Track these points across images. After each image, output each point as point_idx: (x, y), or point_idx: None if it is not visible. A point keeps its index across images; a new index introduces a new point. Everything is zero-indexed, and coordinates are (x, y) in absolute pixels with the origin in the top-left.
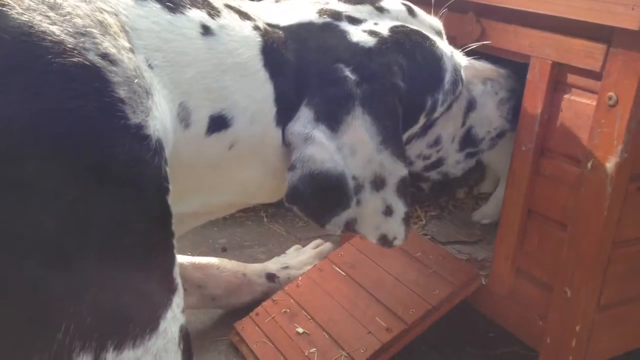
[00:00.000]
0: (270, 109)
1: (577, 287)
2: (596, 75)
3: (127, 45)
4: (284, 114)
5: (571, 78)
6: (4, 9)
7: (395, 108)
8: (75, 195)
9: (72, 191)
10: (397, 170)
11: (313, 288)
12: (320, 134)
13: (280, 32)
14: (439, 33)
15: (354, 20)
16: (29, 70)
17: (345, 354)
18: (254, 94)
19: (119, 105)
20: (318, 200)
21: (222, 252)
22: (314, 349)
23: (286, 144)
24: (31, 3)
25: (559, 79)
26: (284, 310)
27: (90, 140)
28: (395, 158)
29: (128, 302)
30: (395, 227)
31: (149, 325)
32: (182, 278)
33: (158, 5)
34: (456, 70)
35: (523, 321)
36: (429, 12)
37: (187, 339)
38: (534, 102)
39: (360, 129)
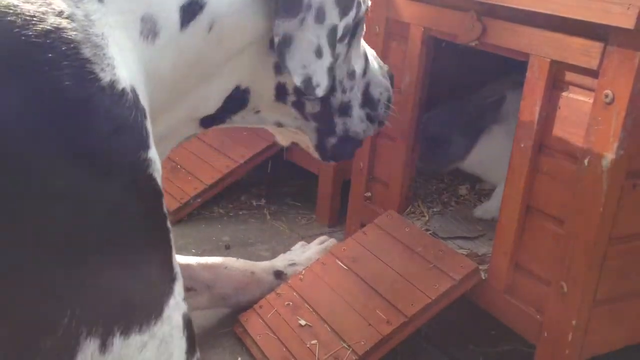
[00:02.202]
0: None
1: (573, 282)
2: (593, 73)
3: None
4: None
5: (569, 76)
6: None
7: None
8: (67, 185)
9: (67, 182)
10: (331, 17)
11: (316, 281)
12: None
13: None
14: None
15: None
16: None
17: (346, 346)
18: None
19: (87, 67)
20: None
21: (225, 249)
22: (316, 341)
23: None
24: None
25: (557, 77)
26: (287, 303)
27: (71, 123)
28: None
29: (130, 289)
30: (320, 73)
31: (153, 312)
32: (191, 278)
33: None
34: None
35: (521, 315)
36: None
37: (190, 327)
38: (532, 99)
39: None
